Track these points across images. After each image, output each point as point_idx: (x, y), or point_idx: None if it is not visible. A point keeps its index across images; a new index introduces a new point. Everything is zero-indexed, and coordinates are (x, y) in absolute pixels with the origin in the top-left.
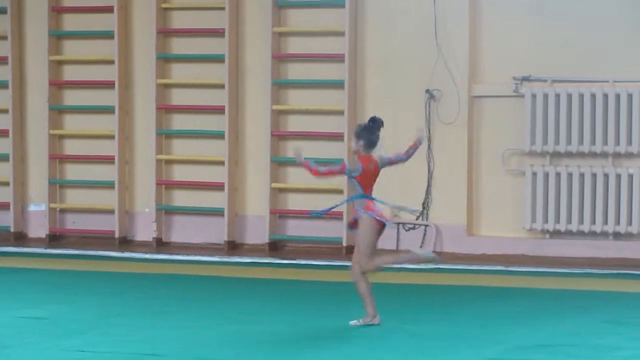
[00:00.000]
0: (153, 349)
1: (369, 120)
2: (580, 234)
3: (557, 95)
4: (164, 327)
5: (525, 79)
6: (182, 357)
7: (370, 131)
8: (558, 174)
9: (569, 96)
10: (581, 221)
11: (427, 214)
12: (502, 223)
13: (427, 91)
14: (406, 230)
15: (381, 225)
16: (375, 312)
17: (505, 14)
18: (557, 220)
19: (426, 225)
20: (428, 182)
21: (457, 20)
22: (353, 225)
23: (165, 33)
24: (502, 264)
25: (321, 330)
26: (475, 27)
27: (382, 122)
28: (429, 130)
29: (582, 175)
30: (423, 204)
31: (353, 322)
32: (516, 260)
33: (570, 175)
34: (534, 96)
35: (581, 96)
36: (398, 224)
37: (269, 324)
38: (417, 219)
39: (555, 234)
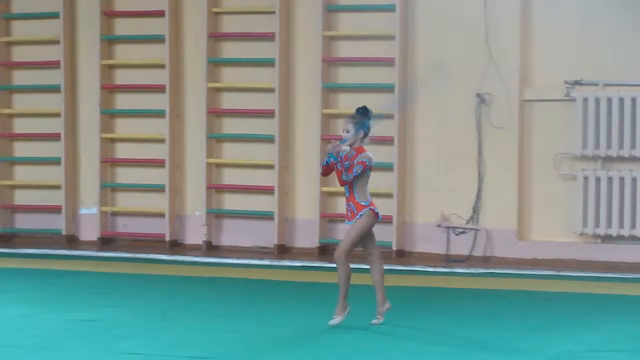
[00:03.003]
0: (203, 352)
1: (363, 110)
2: (632, 238)
3: (609, 99)
4: (213, 330)
5: (577, 82)
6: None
7: (368, 121)
8: (610, 178)
9: (621, 100)
10: (633, 226)
11: (477, 218)
12: (553, 227)
13: (478, 95)
14: (456, 235)
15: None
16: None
17: (556, 17)
18: (609, 225)
19: (476, 230)
20: (478, 186)
21: (508, 24)
22: (352, 217)
23: (216, 37)
24: (552, 268)
25: (373, 333)
26: (526, 31)
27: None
28: (480, 134)
29: (634, 180)
30: (473, 208)
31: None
32: (567, 265)
33: (622, 179)
34: (585, 100)
35: (633, 100)
36: (448, 228)
37: (319, 328)
38: (467, 223)
39: (607, 238)
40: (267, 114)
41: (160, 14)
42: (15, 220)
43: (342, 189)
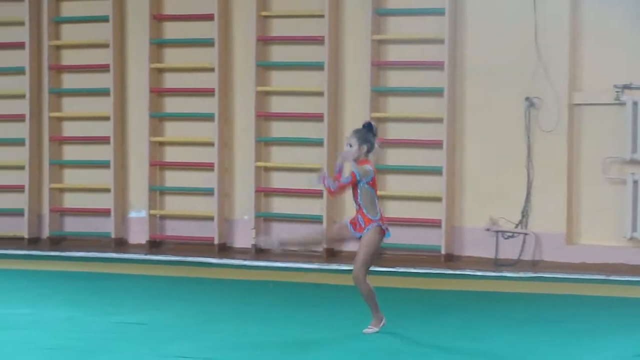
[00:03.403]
0: (250, 356)
1: (369, 125)
2: None
3: None
4: (261, 334)
5: (627, 86)
6: None
7: (372, 136)
8: None
9: None
10: None
11: (526, 222)
12: (602, 232)
13: (527, 99)
14: (505, 239)
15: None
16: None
17: (605, 21)
18: None
19: (525, 234)
20: (527, 190)
21: (558, 27)
22: (360, 231)
23: (264, 40)
24: (602, 273)
25: (418, 337)
26: (575, 34)
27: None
28: (529, 138)
29: None
30: (522, 212)
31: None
32: (616, 269)
33: None
34: (635, 104)
35: None
36: (497, 231)
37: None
38: (516, 227)
39: None
40: (316, 117)
41: (209, 17)
42: (65, 223)
43: (396, 192)
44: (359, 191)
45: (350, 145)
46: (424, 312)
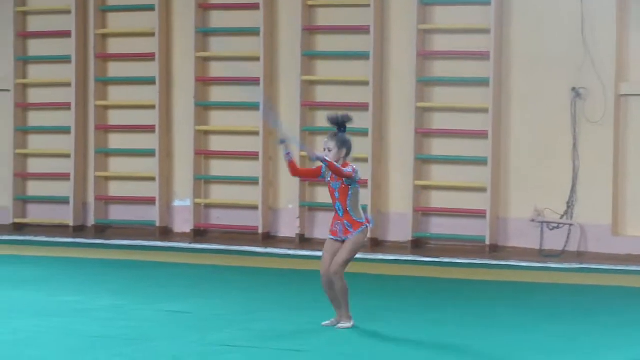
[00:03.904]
0: (295, 344)
1: (342, 124)
2: None
3: None
4: (305, 323)
5: None
6: (324, 353)
7: (348, 139)
8: None
9: None
10: None
11: (571, 213)
12: None
13: (574, 89)
14: (550, 230)
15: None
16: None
17: None
18: None
19: (570, 225)
20: (573, 181)
21: (605, 18)
22: (346, 234)
23: (310, 30)
24: None
25: (467, 326)
26: (622, 25)
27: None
28: (575, 128)
29: None
30: (567, 203)
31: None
32: None
33: None
34: None
35: None
36: (542, 222)
37: (409, 323)
38: (561, 218)
39: None
40: (361, 107)
41: (255, 6)
42: (110, 211)
43: (441, 182)
44: (350, 192)
45: (329, 150)
46: (468, 303)
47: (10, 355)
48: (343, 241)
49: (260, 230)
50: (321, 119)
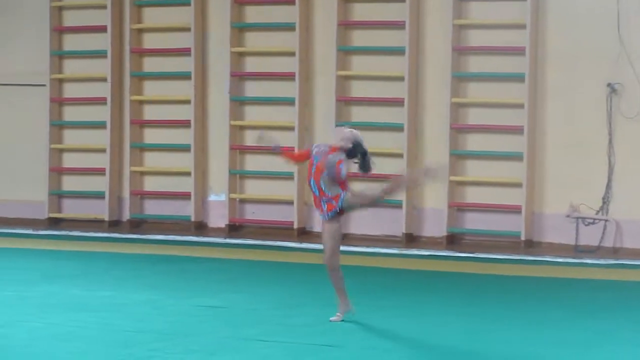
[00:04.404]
0: (331, 340)
1: (363, 153)
2: None
3: None
4: (343, 318)
5: None
6: (360, 348)
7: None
8: None
9: None
10: None
11: (607, 208)
12: None
13: (609, 85)
14: (585, 225)
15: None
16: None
17: None
18: None
19: (606, 220)
20: (608, 176)
21: None
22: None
23: (346, 25)
24: None
25: (506, 321)
26: None
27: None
28: (610, 124)
29: None
30: (603, 198)
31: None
32: None
33: None
34: None
35: None
36: (578, 218)
37: (444, 317)
38: (597, 213)
39: None
40: (397, 102)
41: (290, 2)
42: (145, 206)
43: (476, 178)
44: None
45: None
46: (503, 299)
47: (47, 350)
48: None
49: (295, 225)
50: (356, 114)
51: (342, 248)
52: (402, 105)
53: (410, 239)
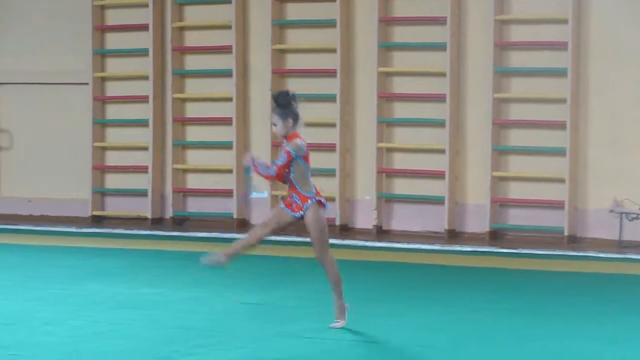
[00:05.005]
0: (371, 337)
1: (286, 95)
2: None
3: None
4: (383, 314)
5: None
6: (401, 344)
7: (294, 106)
8: None
9: None
10: None
11: None
12: None
13: None
14: (630, 220)
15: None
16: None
17: None
18: None
19: None
20: None
21: None
22: (298, 210)
23: (386, 21)
24: None
25: (547, 316)
26: None
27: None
28: None
29: None
30: None
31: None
32: None
33: None
34: None
35: None
36: (621, 213)
37: (486, 313)
38: None
39: None
40: (438, 98)
41: None
42: (187, 203)
43: (518, 173)
44: (292, 167)
45: (275, 125)
46: (546, 294)
47: (91, 347)
48: (295, 217)
49: (337, 222)
50: (398, 111)
51: (383, 245)
52: (444, 101)
53: (453, 235)
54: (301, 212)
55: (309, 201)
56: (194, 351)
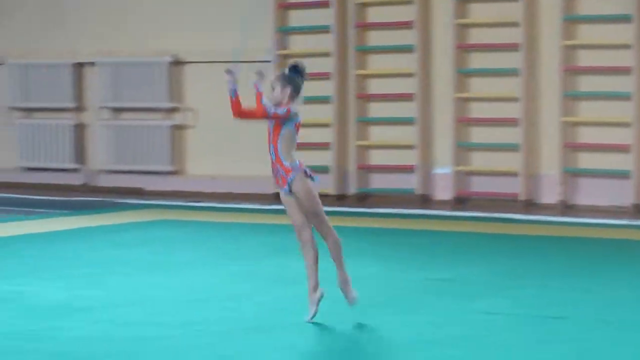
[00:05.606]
0: (559, 311)
1: (295, 66)
2: None
3: None
4: (568, 290)
5: None
6: (587, 320)
7: (298, 80)
8: None
9: None
10: None
11: None
12: None
13: None
14: None
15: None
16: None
17: None
18: None
19: None
20: None
21: None
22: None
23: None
24: None
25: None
26: None
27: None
28: None
29: None
30: None
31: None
32: None
33: None
34: None
35: None
36: None
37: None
38: None
39: None
40: (622, 71)
41: None
42: (370, 179)
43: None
44: (280, 133)
45: (273, 89)
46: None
47: (275, 323)
48: (290, 193)
49: (521, 197)
50: (583, 84)
51: (569, 219)
52: (629, 73)
53: (639, 210)
54: (286, 187)
55: (292, 173)
56: (378, 325)
